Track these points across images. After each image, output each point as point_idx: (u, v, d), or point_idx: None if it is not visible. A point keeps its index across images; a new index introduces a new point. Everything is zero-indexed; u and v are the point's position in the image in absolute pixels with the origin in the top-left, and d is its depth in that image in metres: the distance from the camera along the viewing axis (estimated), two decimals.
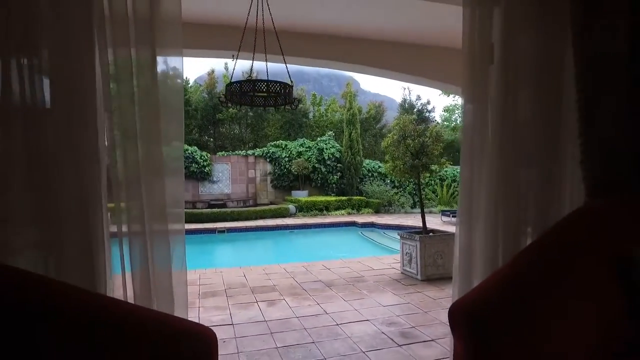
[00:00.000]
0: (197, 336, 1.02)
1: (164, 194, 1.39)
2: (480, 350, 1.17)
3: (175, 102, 1.44)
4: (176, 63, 1.45)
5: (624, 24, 1.63)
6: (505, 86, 1.67)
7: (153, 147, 1.34)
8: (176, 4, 1.42)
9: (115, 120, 1.31)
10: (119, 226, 1.39)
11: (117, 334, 1.01)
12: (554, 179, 1.71)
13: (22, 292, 1.01)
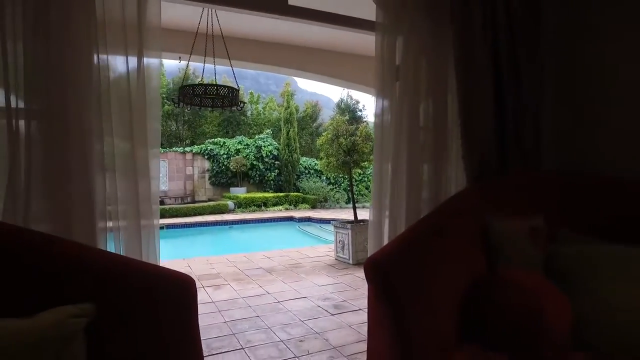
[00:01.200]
0: (180, 278, 1.40)
1: (149, 191, 1.70)
2: (383, 288, 1.66)
3: (157, 103, 1.74)
4: (156, 66, 1.73)
5: (488, 55, 2.24)
6: (408, 99, 2.19)
7: (140, 148, 1.65)
8: (158, 14, 1.72)
9: (109, 123, 1.61)
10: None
11: (109, 278, 1.35)
12: (444, 170, 2.27)
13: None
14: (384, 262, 1.69)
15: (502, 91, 2.29)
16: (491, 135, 2.27)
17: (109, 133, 1.60)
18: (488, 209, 2.09)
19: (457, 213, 2.03)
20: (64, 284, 1.23)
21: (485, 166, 2.27)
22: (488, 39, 2.24)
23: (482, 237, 1.97)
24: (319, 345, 2.87)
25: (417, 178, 2.20)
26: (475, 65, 2.20)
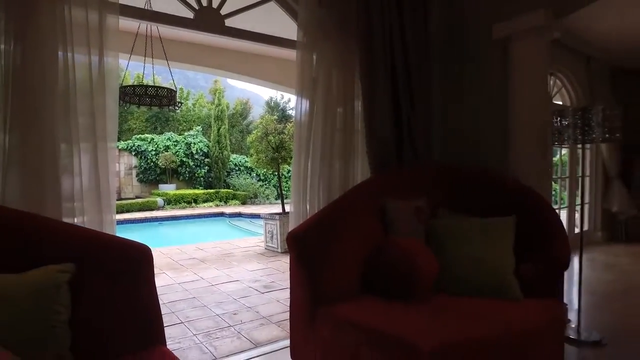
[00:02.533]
0: (138, 246, 1.76)
1: (108, 187, 1.99)
2: (301, 253, 2.13)
3: (116, 98, 2.00)
4: (115, 66, 1.97)
5: (388, 71, 2.81)
6: (323, 104, 2.69)
7: (102, 144, 1.95)
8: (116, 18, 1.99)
9: (75, 119, 1.89)
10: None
11: (84, 245, 1.68)
12: (352, 164, 2.81)
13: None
14: (302, 233, 2.17)
15: (399, 101, 2.87)
16: (390, 136, 2.84)
17: (74, 131, 1.89)
18: (386, 193, 2.65)
19: (362, 196, 2.57)
20: (46, 249, 1.56)
21: (385, 160, 2.83)
22: (387, 59, 2.81)
23: (380, 214, 2.53)
24: (251, 316, 3.29)
25: (330, 170, 2.71)
26: (376, 79, 2.76)
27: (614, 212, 5.93)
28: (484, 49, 3.04)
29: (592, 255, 5.33)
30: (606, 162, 5.89)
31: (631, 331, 2.87)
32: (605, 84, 5.76)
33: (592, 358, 2.48)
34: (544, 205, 2.37)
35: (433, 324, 1.77)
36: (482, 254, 2.18)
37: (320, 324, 2.03)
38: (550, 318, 2.00)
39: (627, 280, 4.17)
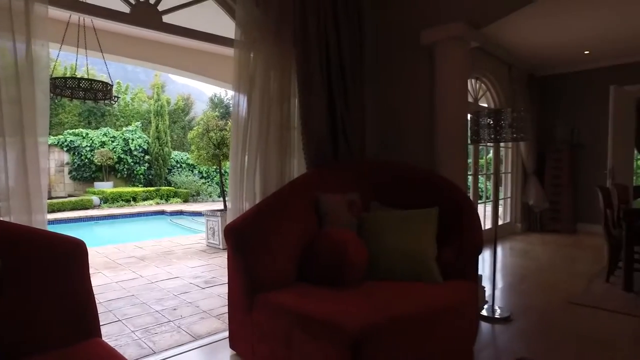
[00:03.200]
0: (71, 240, 1.76)
1: (39, 185, 1.93)
2: (238, 244, 2.22)
3: (45, 90, 1.93)
4: (44, 53, 1.89)
5: (323, 73, 2.96)
6: (260, 102, 2.78)
7: (31, 139, 1.90)
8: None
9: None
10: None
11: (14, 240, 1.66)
12: (290, 160, 2.93)
13: None
14: (238, 225, 2.27)
15: (334, 101, 3.03)
16: (326, 134, 3.00)
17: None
18: (321, 187, 2.80)
19: (298, 190, 2.70)
20: None
21: (321, 157, 2.99)
22: (323, 61, 2.96)
23: (315, 207, 2.67)
24: (191, 310, 3.32)
25: (267, 166, 2.80)
26: (312, 80, 2.90)
27: (530, 205, 6.55)
28: (413, 53, 3.28)
29: (512, 243, 5.86)
30: (524, 160, 6.47)
31: (533, 306, 3.25)
32: (524, 88, 6.32)
33: (501, 331, 2.79)
34: (462, 198, 2.63)
35: (360, 307, 1.93)
36: (407, 243, 2.39)
37: (257, 311, 2.14)
38: (465, 297, 2.25)
39: (538, 264, 4.65)
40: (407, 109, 3.32)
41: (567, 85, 6.69)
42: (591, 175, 6.33)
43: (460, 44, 3.01)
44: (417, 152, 3.22)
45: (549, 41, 5.34)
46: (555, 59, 6.25)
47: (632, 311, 3.11)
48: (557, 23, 4.68)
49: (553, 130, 6.79)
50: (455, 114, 3.00)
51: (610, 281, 3.83)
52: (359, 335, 1.67)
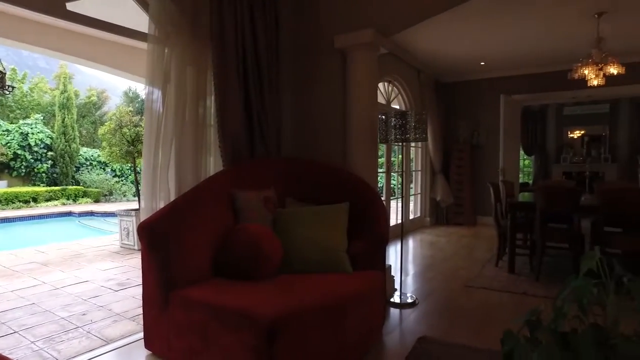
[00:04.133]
0: None
1: None
2: (151, 241, 2.20)
3: None
4: None
5: (240, 72, 3.00)
6: (178, 99, 2.76)
7: None
8: None
9: None
10: None
11: None
12: (206, 158, 2.94)
13: None
14: (152, 222, 2.25)
15: (250, 100, 3.09)
16: (242, 131, 3.04)
17: None
18: (237, 184, 2.84)
19: (214, 188, 2.73)
20: None
21: (237, 154, 3.03)
22: (240, 60, 3.00)
23: (231, 204, 2.72)
24: (103, 314, 3.17)
25: (183, 164, 2.79)
26: (229, 78, 2.93)
27: (438, 200, 7.14)
28: (327, 56, 3.44)
29: (422, 236, 6.35)
30: (432, 159, 7.04)
31: (436, 291, 3.60)
32: (432, 93, 6.87)
33: (408, 315, 3.06)
34: (371, 194, 2.84)
35: (274, 298, 2.03)
36: (320, 237, 2.54)
37: (173, 308, 2.15)
38: (373, 286, 2.45)
39: (443, 254, 5.11)
40: (322, 109, 3.48)
41: (469, 91, 7.39)
42: (488, 173, 7.06)
43: (370, 49, 3.23)
44: (331, 151, 3.40)
45: (451, 51, 5.88)
46: (457, 68, 6.88)
47: (513, 289, 3.59)
48: (456, 36, 5.17)
49: (457, 132, 7.47)
50: (366, 115, 3.22)
51: (499, 265, 4.36)
52: (273, 324, 1.77)
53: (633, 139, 9.51)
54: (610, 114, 9.90)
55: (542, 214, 3.81)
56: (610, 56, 4.40)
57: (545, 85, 6.75)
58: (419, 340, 2.59)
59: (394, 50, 5.43)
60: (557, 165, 10.47)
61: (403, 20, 3.21)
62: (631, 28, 4.87)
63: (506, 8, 4.26)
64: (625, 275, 0.92)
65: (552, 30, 4.98)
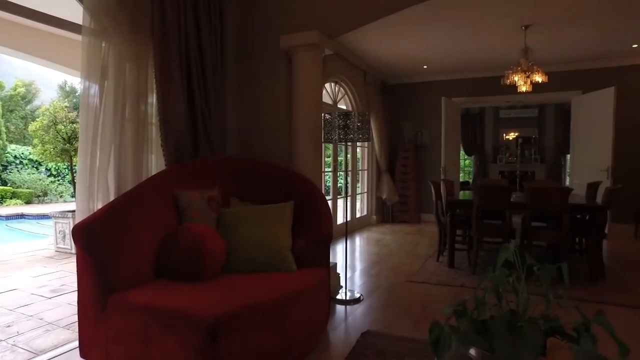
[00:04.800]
0: None
1: None
2: (87, 243, 2.11)
3: None
4: None
5: (183, 69, 2.94)
6: (117, 96, 2.64)
7: None
8: None
9: None
10: None
11: None
12: (147, 157, 2.84)
13: None
14: (88, 224, 2.15)
15: (194, 98, 3.03)
16: (185, 130, 2.98)
17: None
18: (180, 184, 2.78)
19: (156, 188, 2.65)
20: None
21: (181, 153, 2.96)
22: (183, 58, 2.93)
23: (174, 204, 2.66)
24: (33, 324, 2.98)
25: (122, 163, 2.68)
26: (171, 76, 2.86)
27: (383, 199, 7.36)
28: (273, 56, 3.45)
29: (368, 234, 6.52)
30: (378, 159, 7.24)
31: (380, 287, 3.72)
32: (378, 94, 7.06)
33: (353, 310, 3.14)
34: (315, 193, 2.88)
35: (217, 298, 2.02)
36: (264, 236, 2.54)
37: (111, 313, 2.06)
38: (316, 283, 2.49)
39: (388, 250, 5.28)
40: (268, 108, 3.48)
41: (413, 93, 7.67)
42: (432, 172, 7.37)
43: (315, 50, 3.28)
44: (276, 150, 3.41)
45: (396, 54, 6.08)
46: (402, 70, 7.12)
47: (452, 282, 3.79)
48: (400, 40, 5.36)
49: (402, 132, 7.73)
50: (310, 115, 3.26)
51: (440, 260, 4.57)
52: (215, 323, 1.75)
53: (558, 141, 10.31)
54: (538, 118, 10.67)
55: (478, 210, 4.05)
56: (536, 65, 4.76)
57: (482, 89, 7.16)
58: (363, 334, 2.67)
59: (340, 52, 5.52)
60: (495, 164, 11.11)
61: (347, 23, 3.28)
62: (554, 40, 5.30)
63: (443, 16, 4.48)
64: (534, 264, 1.02)
65: (485, 40, 5.31)
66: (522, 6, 4.21)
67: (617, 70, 6.34)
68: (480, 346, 0.87)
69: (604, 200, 4.03)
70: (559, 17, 4.50)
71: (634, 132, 6.27)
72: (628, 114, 6.19)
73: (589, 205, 4.02)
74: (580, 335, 0.88)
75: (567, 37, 5.19)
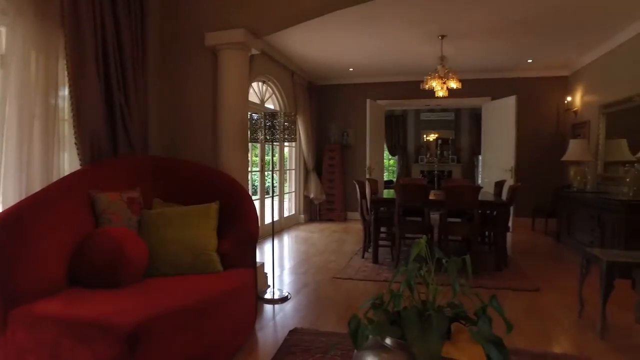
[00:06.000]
0: None
1: None
2: None
3: None
4: None
5: (99, 62, 2.76)
6: (22, 89, 2.39)
7: None
8: None
9: None
10: None
11: None
12: (59, 156, 2.63)
13: None
14: None
15: (112, 93, 2.85)
16: (102, 126, 2.80)
17: None
18: (97, 185, 2.61)
19: (68, 189, 2.45)
20: None
21: (98, 152, 2.78)
22: (99, 48, 2.75)
23: (91, 206, 2.49)
24: None
25: (30, 162, 2.44)
26: (86, 68, 2.66)
27: (311, 198, 7.48)
28: (198, 53, 3.35)
29: (297, 232, 6.58)
30: (306, 158, 7.34)
31: (307, 284, 3.79)
32: (305, 94, 7.15)
33: (280, 309, 3.17)
34: (240, 193, 2.86)
35: (137, 304, 1.93)
36: (188, 237, 2.48)
37: (13, 329, 1.89)
38: (242, 283, 2.48)
39: (315, 248, 5.39)
40: (193, 106, 3.38)
41: (339, 94, 7.88)
42: (358, 172, 7.63)
43: (241, 49, 3.25)
44: (202, 149, 3.33)
45: (323, 56, 6.21)
46: (329, 72, 7.29)
47: (376, 277, 3.98)
48: (328, 42, 5.49)
49: (329, 133, 7.90)
50: (236, 114, 3.23)
51: (365, 257, 4.76)
52: (134, 332, 1.68)
53: (472, 143, 11.18)
54: (455, 121, 11.49)
55: (400, 208, 4.28)
56: (452, 72, 5.14)
57: (404, 92, 7.56)
58: (291, 332, 2.71)
59: (268, 51, 5.53)
60: (417, 164, 11.76)
61: (274, 23, 3.29)
62: (467, 51, 5.76)
63: (368, 23, 4.68)
64: (443, 257, 1.12)
65: (407, 46, 5.62)
66: (439, 17, 4.53)
67: (518, 81, 7.06)
68: (394, 335, 0.94)
69: (507, 197, 4.46)
70: (471, 30, 4.90)
71: (532, 136, 7.01)
72: (527, 120, 6.91)
73: (495, 202, 4.42)
74: (479, 318, 0.99)
75: (478, 48, 5.66)
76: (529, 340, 2.63)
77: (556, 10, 4.29)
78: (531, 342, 2.59)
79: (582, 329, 2.82)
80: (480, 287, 3.65)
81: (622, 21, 4.62)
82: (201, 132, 3.33)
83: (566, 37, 5.21)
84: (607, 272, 2.61)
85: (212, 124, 3.30)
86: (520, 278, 3.96)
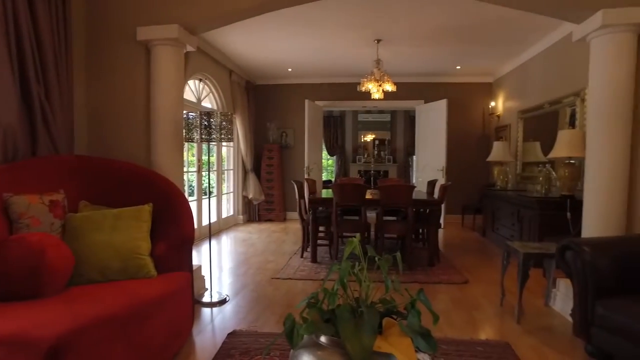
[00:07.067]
0: None
1: None
2: None
3: None
4: None
5: (12, 57, 2.53)
6: None
7: None
8: None
9: None
10: None
11: None
12: None
13: None
14: None
15: (30, 87, 2.63)
16: (18, 124, 2.57)
17: None
18: (12, 187, 2.39)
19: None
20: None
21: (13, 150, 2.55)
22: (11, 40, 2.52)
23: (4, 210, 2.28)
24: None
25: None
26: None
27: (250, 198, 7.39)
28: (129, 48, 3.19)
29: (235, 233, 6.48)
30: (244, 158, 7.24)
31: (246, 286, 3.75)
32: (243, 93, 7.05)
33: (219, 312, 3.11)
34: (175, 194, 2.77)
35: (60, 315, 1.79)
36: (119, 241, 2.35)
37: None
38: (177, 287, 2.40)
39: (254, 249, 5.34)
40: (124, 104, 3.21)
41: (278, 94, 7.86)
42: (296, 172, 7.66)
43: (176, 45, 3.14)
44: (134, 149, 3.17)
45: (262, 55, 6.16)
46: (267, 71, 7.24)
47: (314, 277, 4.02)
48: (266, 41, 5.46)
49: (267, 132, 7.85)
50: (171, 113, 3.11)
51: (304, 256, 4.80)
52: (56, 345, 1.57)
53: (407, 144, 11.66)
54: (391, 123, 11.92)
55: (338, 207, 4.36)
56: (387, 75, 5.33)
57: (342, 94, 7.70)
58: (229, 335, 2.67)
59: (205, 48, 5.39)
60: (354, 164, 12.03)
61: (210, 20, 3.22)
62: (401, 55, 6.00)
63: (305, 23, 4.72)
64: (375, 255, 1.16)
65: (344, 49, 5.74)
66: (374, 23, 4.68)
67: (448, 86, 7.48)
68: (327, 333, 0.96)
69: (439, 195, 4.71)
70: (404, 35, 5.12)
71: (461, 137, 7.46)
72: (457, 122, 7.34)
73: (428, 200, 4.65)
74: (408, 312, 1.04)
75: (412, 53, 5.93)
76: (458, 329, 2.81)
77: (481, 22, 4.61)
78: (459, 331, 2.77)
79: (502, 316, 3.06)
80: (415, 282, 3.82)
81: (535, 35, 5.08)
82: (134, 130, 3.17)
83: (489, 47, 5.61)
84: (524, 263, 2.87)
85: (145, 122, 3.15)
86: (451, 272, 4.21)
